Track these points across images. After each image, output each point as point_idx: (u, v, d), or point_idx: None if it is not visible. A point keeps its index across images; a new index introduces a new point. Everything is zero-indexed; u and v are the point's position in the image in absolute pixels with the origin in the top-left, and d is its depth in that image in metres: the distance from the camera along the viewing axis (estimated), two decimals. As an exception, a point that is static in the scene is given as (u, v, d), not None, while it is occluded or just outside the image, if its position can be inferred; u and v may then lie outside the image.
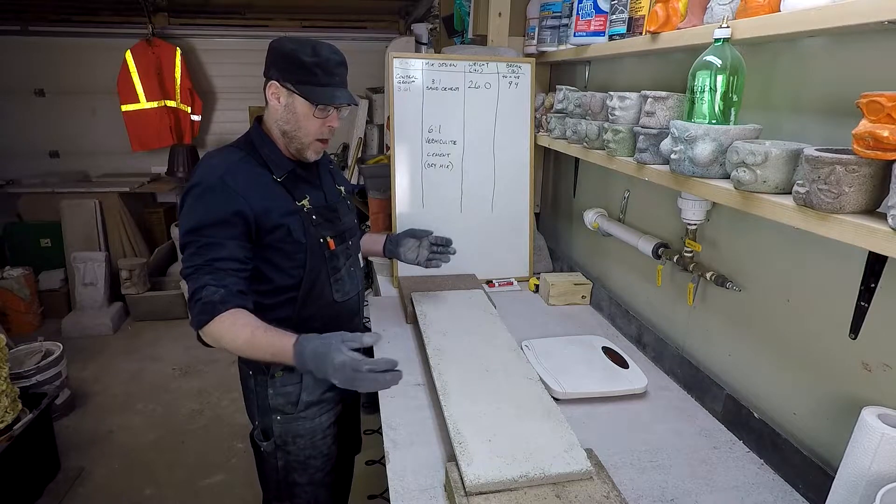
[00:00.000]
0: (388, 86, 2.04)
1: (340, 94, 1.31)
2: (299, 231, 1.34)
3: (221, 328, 1.20)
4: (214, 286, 1.20)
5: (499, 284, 2.14)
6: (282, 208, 1.33)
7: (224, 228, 1.24)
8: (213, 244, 1.23)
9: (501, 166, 2.14)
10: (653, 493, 1.09)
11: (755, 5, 1.04)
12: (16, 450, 2.20)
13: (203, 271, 1.22)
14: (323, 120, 1.32)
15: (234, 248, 1.25)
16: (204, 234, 1.24)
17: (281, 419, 1.45)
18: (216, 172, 1.28)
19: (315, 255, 1.38)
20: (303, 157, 1.38)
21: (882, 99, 0.74)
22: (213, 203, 1.25)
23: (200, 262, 1.23)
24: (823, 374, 1.10)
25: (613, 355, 1.57)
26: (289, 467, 1.49)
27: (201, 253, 1.23)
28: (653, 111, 1.33)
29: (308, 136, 1.34)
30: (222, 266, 1.23)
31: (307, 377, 1.44)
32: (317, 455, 1.50)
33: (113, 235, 4.39)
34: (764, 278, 1.25)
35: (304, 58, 1.27)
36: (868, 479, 0.85)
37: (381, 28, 5.15)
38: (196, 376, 3.46)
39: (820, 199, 0.84)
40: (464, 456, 1.05)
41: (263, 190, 1.31)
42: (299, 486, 1.51)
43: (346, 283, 1.48)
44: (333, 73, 1.30)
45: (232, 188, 1.26)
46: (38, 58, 4.65)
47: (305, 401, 1.45)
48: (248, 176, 1.31)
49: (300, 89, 1.28)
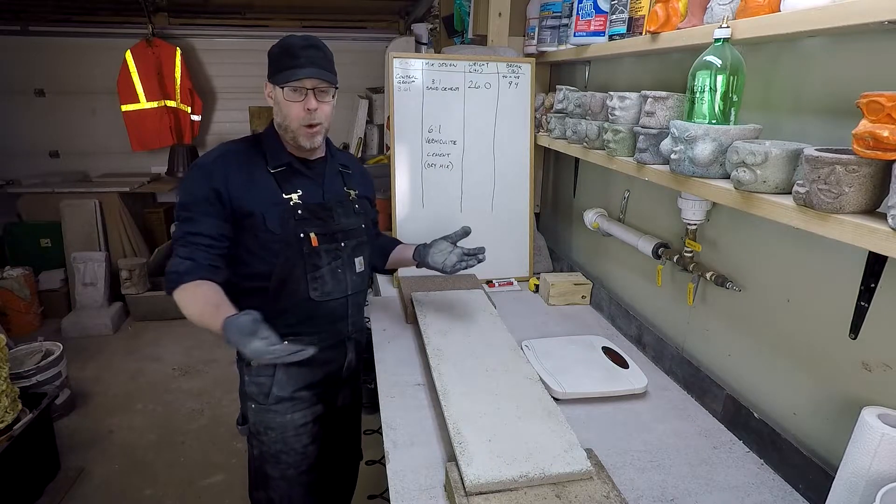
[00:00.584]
0: (388, 86, 2.04)
1: (302, 72, 1.32)
2: (275, 222, 1.38)
3: (182, 298, 1.30)
4: (182, 258, 1.32)
5: (499, 284, 2.14)
6: (262, 197, 1.38)
7: (202, 206, 1.34)
8: (191, 219, 1.34)
9: (501, 166, 2.14)
10: (653, 493, 1.09)
11: (755, 5, 1.04)
12: (16, 450, 2.20)
13: (179, 243, 1.34)
14: (300, 103, 1.34)
15: (209, 224, 1.34)
16: (186, 208, 1.35)
17: (255, 408, 1.51)
18: (211, 155, 1.40)
19: (291, 249, 1.40)
20: (299, 145, 1.40)
21: (882, 99, 0.74)
22: (196, 181, 1.36)
23: (178, 235, 1.35)
24: (823, 374, 1.10)
25: (613, 355, 1.57)
26: (262, 457, 1.54)
27: (181, 227, 1.35)
28: (653, 111, 1.33)
29: (293, 123, 1.36)
30: (195, 241, 1.33)
31: (279, 372, 1.48)
32: (288, 451, 1.52)
33: (113, 235, 4.38)
34: (764, 278, 1.25)
35: (275, 49, 1.36)
36: (868, 479, 0.85)
37: (381, 28, 5.15)
38: (196, 376, 3.46)
39: (820, 199, 0.84)
40: (464, 456, 1.05)
41: (249, 177, 1.38)
42: (272, 478, 1.54)
43: (328, 283, 1.45)
44: (297, 56, 1.32)
45: (217, 169, 1.36)
46: (38, 58, 4.65)
47: (276, 395, 1.49)
48: (239, 162, 1.39)
49: (273, 79, 1.36)
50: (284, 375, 1.48)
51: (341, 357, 1.59)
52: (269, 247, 1.39)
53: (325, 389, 1.57)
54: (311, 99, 1.34)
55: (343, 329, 1.55)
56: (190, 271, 1.30)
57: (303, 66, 1.32)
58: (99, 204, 4.28)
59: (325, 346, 1.50)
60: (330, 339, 1.52)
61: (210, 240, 1.34)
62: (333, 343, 1.54)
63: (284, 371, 1.48)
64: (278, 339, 1.14)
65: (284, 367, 1.47)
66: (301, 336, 1.45)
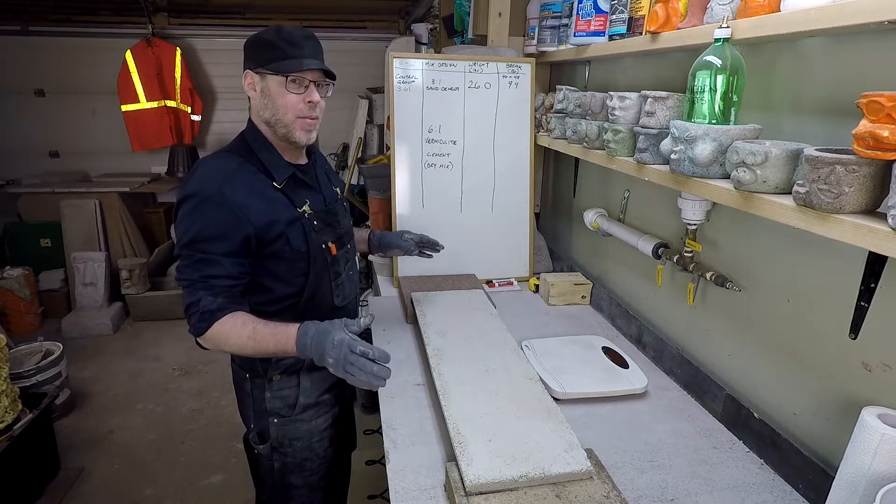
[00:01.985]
0: (388, 86, 2.04)
1: (309, 62, 1.24)
2: (300, 239, 1.31)
3: (223, 329, 1.21)
4: (211, 298, 1.21)
5: (499, 284, 2.14)
6: (283, 218, 1.29)
7: (220, 244, 1.21)
8: (209, 260, 1.21)
9: (501, 166, 2.14)
10: (653, 493, 1.09)
11: (755, 5, 1.04)
12: (16, 450, 2.20)
13: (198, 286, 1.22)
14: (301, 95, 1.26)
15: (230, 265, 1.23)
16: (199, 248, 1.21)
17: (278, 422, 1.44)
18: (214, 182, 1.22)
19: (318, 262, 1.35)
20: (291, 140, 1.30)
21: (882, 99, 0.74)
22: (209, 216, 1.21)
23: (195, 278, 1.22)
24: (823, 374, 1.10)
25: (613, 355, 1.57)
26: (285, 470, 1.48)
27: (197, 268, 1.22)
28: (653, 111, 1.33)
29: (288, 114, 1.26)
30: (217, 283, 1.22)
31: (304, 380, 1.44)
32: (313, 457, 1.49)
33: (113, 235, 4.38)
34: (764, 278, 1.25)
35: (268, 37, 1.25)
36: (868, 479, 0.85)
37: (381, 28, 5.15)
38: (196, 376, 3.46)
39: (820, 199, 0.84)
40: (464, 456, 1.05)
41: (264, 200, 1.27)
42: (295, 488, 1.50)
43: (346, 287, 1.47)
44: (301, 45, 1.25)
45: (230, 200, 1.21)
46: (38, 58, 4.65)
47: (303, 403, 1.45)
48: (248, 185, 1.26)
49: (269, 67, 1.24)
50: (309, 382, 1.44)
51: None
52: (296, 265, 1.32)
53: (341, 388, 1.56)
54: (314, 91, 1.27)
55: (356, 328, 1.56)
56: (222, 308, 1.21)
57: (308, 56, 1.25)
58: (99, 204, 4.29)
59: None
60: None
61: (233, 280, 1.24)
62: None
63: (309, 377, 1.45)
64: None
65: (308, 374, 1.44)
66: None
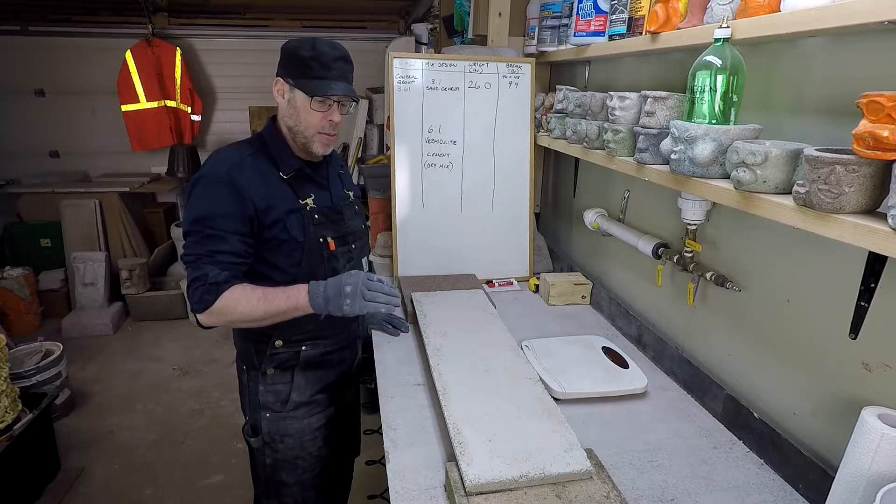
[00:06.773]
0: (388, 86, 2.04)
1: (336, 87, 1.31)
2: (297, 229, 1.36)
3: (231, 297, 1.25)
4: (217, 271, 1.25)
5: (499, 284, 2.14)
6: (284, 205, 1.34)
7: (228, 221, 1.28)
8: (216, 236, 1.27)
9: (501, 166, 2.14)
10: (653, 493, 1.09)
11: (755, 5, 1.04)
12: (16, 450, 2.20)
13: (204, 260, 1.26)
14: (323, 113, 1.33)
15: (236, 242, 1.28)
16: (208, 224, 1.27)
17: (270, 416, 1.47)
18: (223, 166, 1.31)
19: (313, 254, 1.38)
20: (309, 151, 1.39)
21: (882, 99, 0.74)
22: (218, 196, 1.28)
23: (202, 252, 1.27)
24: (823, 374, 1.10)
25: (613, 355, 1.57)
26: (276, 466, 1.50)
27: (204, 243, 1.27)
28: (653, 111, 1.33)
29: (309, 130, 1.35)
30: (223, 259, 1.27)
31: (298, 377, 1.46)
32: (305, 456, 1.50)
33: (113, 235, 4.38)
34: (764, 278, 1.25)
35: (303, 52, 1.30)
36: (868, 479, 0.85)
37: (381, 28, 5.15)
38: (196, 376, 3.46)
39: (820, 199, 0.84)
40: (464, 456, 1.05)
41: (267, 186, 1.33)
42: (286, 485, 1.52)
43: None
44: (330, 67, 1.30)
45: (237, 183, 1.29)
46: (38, 58, 4.65)
47: (295, 400, 1.46)
48: (254, 171, 1.33)
49: (297, 83, 1.31)
50: (303, 379, 1.47)
51: (353, 356, 1.62)
52: (292, 255, 1.37)
53: (338, 390, 1.57)
54: (336, 112, 1.35)
55: (355, 329, 1.58)
56: (229, 280, 1.25)
57: (335, 79, 1.31)
58: (99, 204, 4.29)
59: (339, 347, 1.53)
60: (344, 341, 1.54)
61: (238, 258, 1.29)
62: (346, 343, 1.56)
63: (303, 375, 1.47)
64: None
65: (303, 371, 1.47)
66: (318, 340, 1.47)
